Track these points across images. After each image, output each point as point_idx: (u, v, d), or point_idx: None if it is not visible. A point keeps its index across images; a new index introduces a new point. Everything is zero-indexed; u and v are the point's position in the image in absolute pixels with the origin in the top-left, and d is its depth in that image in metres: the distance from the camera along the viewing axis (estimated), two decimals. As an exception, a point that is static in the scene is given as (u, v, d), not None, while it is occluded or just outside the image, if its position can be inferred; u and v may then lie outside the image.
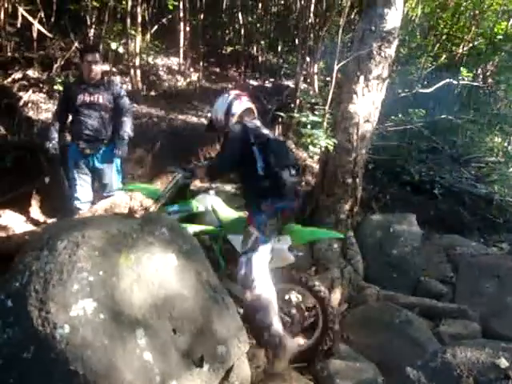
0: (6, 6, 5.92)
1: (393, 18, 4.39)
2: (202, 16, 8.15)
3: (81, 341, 1.78)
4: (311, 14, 7.61)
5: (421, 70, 8.69)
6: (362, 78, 4.43)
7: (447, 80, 6.48)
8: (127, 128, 4.13)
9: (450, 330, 3.68)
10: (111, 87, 4.20)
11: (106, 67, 6.00)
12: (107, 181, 4.25)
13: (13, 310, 1.89)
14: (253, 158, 2.88)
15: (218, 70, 8.67)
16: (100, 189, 4.35)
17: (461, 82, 7.40)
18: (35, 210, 4.79)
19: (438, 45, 9.23)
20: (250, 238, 2.79)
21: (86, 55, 4.04)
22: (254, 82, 8.45)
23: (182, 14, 7.25)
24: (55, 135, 4.12)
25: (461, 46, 9.57)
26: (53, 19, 6.47)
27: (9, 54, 6.09)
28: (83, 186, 4.20)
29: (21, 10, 6.07)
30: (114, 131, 4.16)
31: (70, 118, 4.21)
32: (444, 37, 9.40)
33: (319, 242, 4.32)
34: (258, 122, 3.11)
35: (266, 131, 3.06)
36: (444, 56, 8.97)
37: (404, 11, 4.69)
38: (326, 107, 4.57)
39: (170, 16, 7.56)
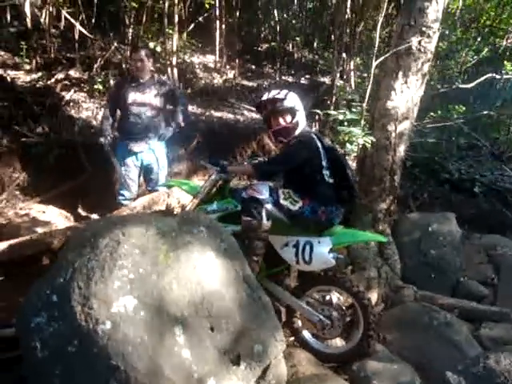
0: (50, 9, 6.12)
1: (433, 12, 4.27)
2: (237, 13, 8.18)
3: (122, 337, 1.83)
4: (347, 10, 7.50)
5: (461, 64, 8.44)
6: (400, 74, 4.33)
7: (489, 75, 6.27)
8: (177, 121, 4.23)
9: (492, 334, 3.56)
10: (163, 85, 4.25)
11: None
12: (154, 176, 4.36)
13: (57, 305, 1.95)
14: (319, 163, 2.91)
15: (253, 67, 8.70)
16: (146, 184, 4.46)
17: (504, 77, 7.16)
18: (77, 206, 4.94)
19: (479, 38, 8.91)
20: None
21: (133, 54, 4.12)
22: (289, 79, 8.42)
23: (217, 12, 7.31)
24: (109, 131, 4.17)
25: (504, 39, 9.23)
26: (93, 20, 6.63)
27: (52, 55, 6.30)
28: (130, 183, 4.29)
29: (64, 13, 6.26)
30: (166, 125, 4.25)
31: (118, 115, 4.27)
32: (486, 29, 9.07)
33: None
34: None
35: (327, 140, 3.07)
36: (486, 49, 8.65)
37: (444, 4, 4.53)
38: (364, 104, 4.49)
39: (206, 14, 7.63)
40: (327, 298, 3.03)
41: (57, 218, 4.62)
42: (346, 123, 4.45)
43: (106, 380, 1.78)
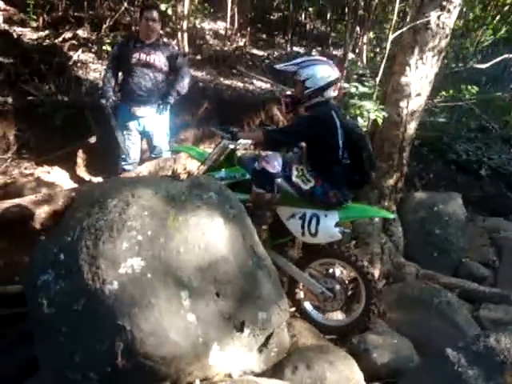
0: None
1: (455, -14, 4.15)
2: (251, -20, 7.98)
3: (129, 298, 1.83)
4: (364, -19, 7.31)
5: (476, 43, 8.25)
6: (416, 49, 4.23)
7: (505, 55, 6.13)
8: (177, 88, 4.09)
9: (491, 315, 3.60)
10: (168, 49, 4.14)
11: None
12: (156, 143, 4.25)
13: (65, 263, 1.95)
14: (335, 143, 2.79)
15: (264, 36, 8.53)
16: (149, 150, 4.38)
17: (520, 59, 7.01)
18: (82, 169, 4.91)
19: (498, 16, 8.68)
20: None
21: (146, 12, 3.97)
22: (300, 50, 8.27)
23: (231, -23, 7.12)
24: (111, 93, 4.04)
25: (524, 19, 8.99)
26: (103, -21, 6.48)
27: (60, 13, 6.16)
28: (131, 147, 4.19)
29: (73, -31, 6.11)
30: (166, 92, 4.13)
31: (121, 77, 4.16)
32: (507, 8, 8.82)
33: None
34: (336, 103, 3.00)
35: (343, 112, 2.97)
36: (504, 29, 8.45)
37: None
38: (378, 78, 4.40)
39: (219, -21, 7.44)
40: (330, 270, 3.04)
41: (61, 179, 4.60)
42: (356, 97, 4.37)
43: (111, 339, 1.80)
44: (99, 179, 4.71)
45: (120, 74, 4.15)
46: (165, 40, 4.46)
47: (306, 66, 2.88)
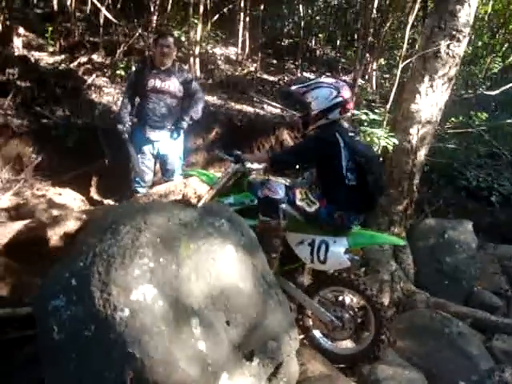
0: (77, -8, 6.14)
1: (464, 16, 4.20)
2: (262, 7, 8.12)
3: (139, 325, 1.82)
4: (373, 9, 7.41)
5: (485, 70, 8.31)
6: (426, 77, 4.28)
7: (515, 82, 6.17)
8: (191, 114, 4.17)
9: (504, 346, 3.52)
10: (182, 74, 4.20)
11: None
12: (170, 166, 4.33)
13: (76, 289, 1.95)
14: (338, 164, 2.77)
15: (275, 61, 8.65)
16: (162, 173, 4.44)
17: (530, 85, 7.04)
18: (94, 191, 4.96)
19: (506, 44, 8.77)
20: None
21: (161, 39, 4.05)
22: (310, 76, 8.36)
23: (242, 5, 7.26)
24: (127, 118, 4.13)
25: (531, 47, 9.08)
26: (118, 6, 6.63)
27: (76, 38, 6.31)
28: (145, 170, 4.26)
29: (90, -3, 6.28)
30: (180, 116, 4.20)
31: (137, 102, 4.23)
32: (514, 36, 8.94)
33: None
34: (346, 124, 2.96)
35: (352, 134, 2.89)
36: (512, 56, 8.53)
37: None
38: (388, 105, 4.44)
39: (230, 6, 7.59)
40: (340, 298, 3.01)
41: (73, 201, 4.64)
42: (366, 123, 4.40)
43: (121, 367, 1.78)
44: (111, 201, 4.75)
45: (137, 98, 4.23)
46: (180, 64, 4.52)
47: (312, 88, 2.94)
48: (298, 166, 3.28)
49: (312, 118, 2.94)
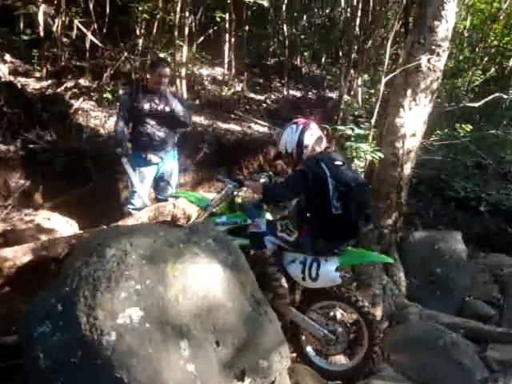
0: (63, 18, 6.17)
1: (443, 31, 4.30)
2: (247, 27, 8.23)
3: (127, 349, 1.80)
4: (356, 27, 7.55)
5: (468, 83, 8.47)
6: (409, 91, 4.35)
7: (496, 94, 6.29)
8: (182, 120, 4.25)
9: (498, 356, 3.50)
10: (175, 96, 4.28)
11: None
12: (166, 185, 4.41)
13: (62, 314, 1.93)
14: (326, 193, 2.81)
15: (261, 80, 8.73)
16: (158, 192, 4.49)
17: (511, 96, 7.18)
18: (82, 215, 4.92)
19: (486, 58, 8.96)
20: None
21: (159, 68, 4.10)
22: (297, 93, 8.46)
23: (227, 26, 7.35)
24: (126, 143, 4.15)
25: (511, 59, 9.28)
26: (104, 30, 6.68)
27: (63, 63, 6.33)
28: (141, 193, 4.27)
29: (76, 22, 6.32)
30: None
31: (131, 125, 4.26)
32: (493, 49, 9.12)
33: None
34: (333, 154, 3.03)
35: (340, 162, 2.93)
36: (493, 69, 8.69)
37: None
38: (372, 120, 4.49)
39: (216, 27, 7.68)
40: (332, 313, 3.02)
41: (61, 225, 4.59)
42: (353, 139, 4.45)
43: (108, 392, 1.76)
44: (99, 226, 4.71)
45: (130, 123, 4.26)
46: (170, 87, 4.57)
47: (281, 136, 3.16)
48: (289, 198, 3.41)
49: (294, 157, 3.07)
